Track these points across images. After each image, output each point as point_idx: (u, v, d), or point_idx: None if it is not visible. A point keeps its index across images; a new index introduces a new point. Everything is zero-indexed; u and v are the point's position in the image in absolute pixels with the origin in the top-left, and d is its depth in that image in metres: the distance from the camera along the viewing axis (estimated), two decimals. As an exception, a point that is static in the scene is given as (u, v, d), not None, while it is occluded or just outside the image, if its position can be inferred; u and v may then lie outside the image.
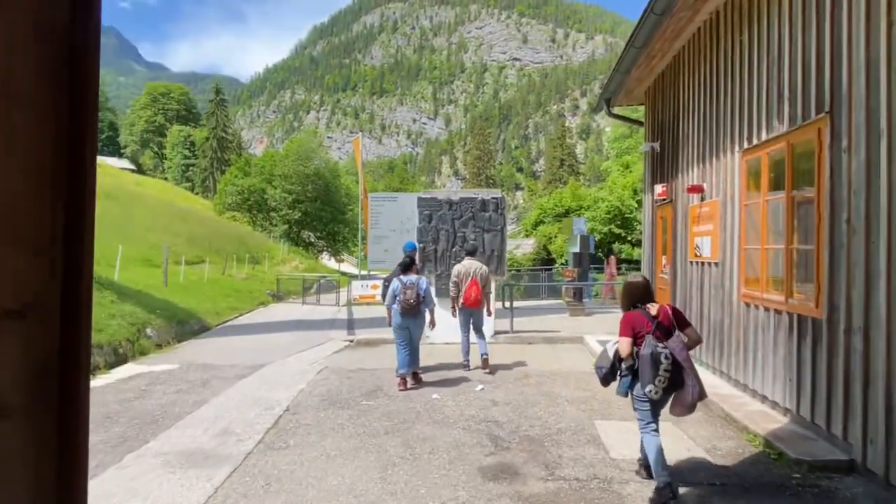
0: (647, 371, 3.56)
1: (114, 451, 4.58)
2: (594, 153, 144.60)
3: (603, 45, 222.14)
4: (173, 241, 25.12)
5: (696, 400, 3.63)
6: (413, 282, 6.74)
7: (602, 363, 3.90)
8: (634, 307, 3.80)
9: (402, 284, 6.70)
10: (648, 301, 3.81)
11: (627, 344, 3.69)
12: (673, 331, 3.67)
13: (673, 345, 3.59)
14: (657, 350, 3.56)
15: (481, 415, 5.58)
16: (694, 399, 3.61)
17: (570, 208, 38.24)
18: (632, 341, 3.68)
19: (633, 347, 3.68)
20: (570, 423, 5.34)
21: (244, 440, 4.85)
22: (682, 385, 3.61)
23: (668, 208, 8.66)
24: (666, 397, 3.68)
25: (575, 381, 6.96)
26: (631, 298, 3.85)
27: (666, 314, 3.72)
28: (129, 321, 9.35)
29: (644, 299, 3.81)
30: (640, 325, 3.69)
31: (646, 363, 3.56)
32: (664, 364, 3.53)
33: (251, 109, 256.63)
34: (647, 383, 3.58)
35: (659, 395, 3.59)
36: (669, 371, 3.54)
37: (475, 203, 10.10)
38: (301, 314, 15.88)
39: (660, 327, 3.66)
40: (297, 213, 45.41)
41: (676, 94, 8.29)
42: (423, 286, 6.79)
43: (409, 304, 6.59)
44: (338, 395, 6.39)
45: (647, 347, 3.58)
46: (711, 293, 6.85)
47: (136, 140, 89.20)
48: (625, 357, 3.73)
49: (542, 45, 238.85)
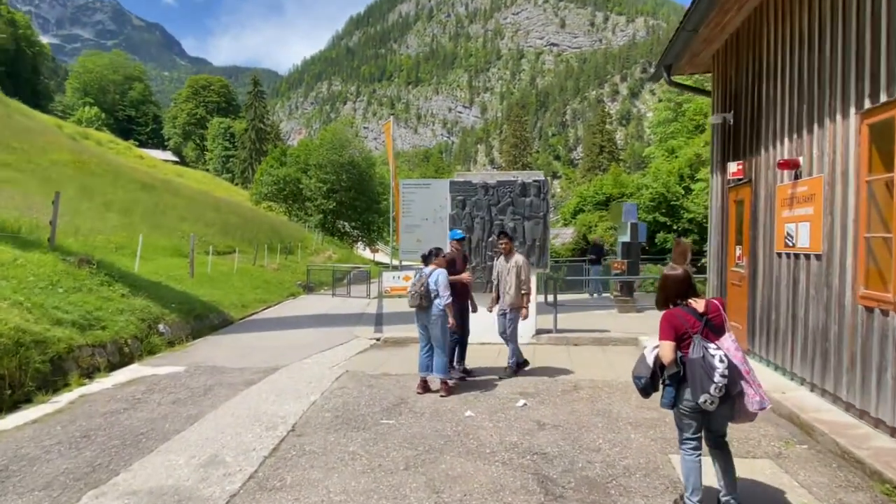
0: (698, 378, 3.04)
1: (73, 486, 3.73)
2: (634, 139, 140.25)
3: (644, 28, 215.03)
4: (206, 232, 24.87)
5: (760, 410, 3.12)
6: (425, 274, 6.01)
7: (641, 372, 3.34)
8: (675, 304, 3.26)
9: (418, 277, 6.08)
10: (691, 295, 3.26)
11: (670, 349, 3.15)
12: (725, 328, 3.19)
13: (727, 345, 3.12)
14: (709, 353, 3.05)
15: (525, 443, 4.52)
16: (755, 410, 3.11)
17: (612, 196, 36.55)
18: (675, 345, 3.15)
19: (677, 352, 3.14)
20: (639, 457, 4.22)
21: (232, 474, 3.93)
22: (740, 392, 3.10)
23: (745, 189, 7.35)
24: (721, 409, 3.10)
25: (636, 396, 5.76)
26: (670, 294, 3.29)
27: (716, 309, 3.21)
28: (139, 316, 8.65)
29: (686, 294, 3.26)
30: (685, 324, 3.15)
31: (696, 369, 3.04)
32: (719, 369, 3.00)
33: (289, 101, 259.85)
34: (699, 393, 3.04)
35: (715, 406, 3.05)
36: (726, 377, 3.00)
37: (514, 187, 8.97)
38: (329, 307, 15.11)
39: (709, 325, 3.15)
40: (332, 203, 45.02)
41: (758, 52, 6.94)
42: (434, 279, 5.93)
43: (413, 297, 5.96)
44: (354, 411, 5.43)
45: (697, 350, 3.07)
46: (810, 293, 5.57)
47: (179, 132, 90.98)
48: (668, 364, 3.17)
49: (581, 29, 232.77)
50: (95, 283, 8.79)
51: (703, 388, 3.03)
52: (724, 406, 3.10)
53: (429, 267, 6.07)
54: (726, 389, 3.03)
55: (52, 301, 7.16)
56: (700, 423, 3.24)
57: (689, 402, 3.16)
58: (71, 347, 6.60)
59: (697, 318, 3.17)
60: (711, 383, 2.99)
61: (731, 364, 3.05)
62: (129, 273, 10.90)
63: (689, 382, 3.11)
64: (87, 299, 7.98)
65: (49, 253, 8.87)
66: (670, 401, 3.26)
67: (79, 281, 8.47)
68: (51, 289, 7.63)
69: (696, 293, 3.29)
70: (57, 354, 6.30)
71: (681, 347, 3.17)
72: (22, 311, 6.39)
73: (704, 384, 3.00)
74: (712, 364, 3.01)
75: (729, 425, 3.34)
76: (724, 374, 2.99)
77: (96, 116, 78.01)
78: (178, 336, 9.35)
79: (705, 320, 3.16)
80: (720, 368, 2.99)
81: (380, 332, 9.96)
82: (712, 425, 3.29)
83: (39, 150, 26.08)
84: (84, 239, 13.68)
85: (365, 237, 49.52)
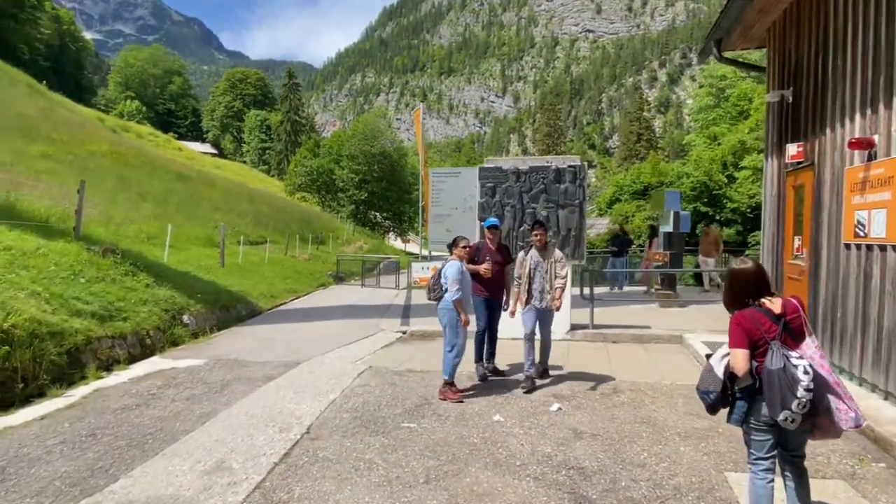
0: (778, 392, 2.55)
1: (67, 493, 3.47)
2: (673, 127, 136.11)
3: (684, 12, 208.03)
4: (239, 222, 25.03)
5: (855, 427, 2.64)
6: (443, 265, 5.58)
7: (709, 385, 2.78)
8: (747, 304, 2.76)
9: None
10: (765, 294, 2.76)
11: (744, 358, 2.66)
12: (806, 332, 2.68)
13: (810, 352, 2.64)
14: (791, 363, 2.57)
15: (560, 455, 4.06)
16: (849, 427, 2.63)
17: (650, 185, 35.33)
18: (749, 353, 2.66)
19: (751, 362, 2.66)
20: (690, 475, 3.72)
21: (237, 483, 3.61)
22: (827, 407, 2.61)
23: (806, 174, 6.65)
24: (803, 426, 2.62)
25: (683, 402, 5.27)
26: (740, 293, 2.80)
27: (795, 310, 2.70)
28: (162, 307, 8.50)
29: (759, 292, 2.77)
30: (760, 328, 2.66)
31: (776, 382, 2.56)
32: (804, 382, 2.51)
33: (324, 94, 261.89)
34: (779, 408, 2.55)
35: (797, 423, 2.56)
36: (811, 391, 2.52)
37: (548, 173, 8.42)
38: (357, 298, 14.85)
39: (788, 329, 2.67)
40: (364, 194, 45.02)
41: (822, 21, 6.22)
42: (446, 271, 5.47)
43: (427, 290, 5.63)
44: (374, 412, 5.07)
45: (776, 360, 2.58)
46: (885, 288, 4.90)
47: (217, 125, 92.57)
48: (741, 375, 2.68)
49: (618, 14, 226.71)
50: (119, 273, 8.68)
51: (783, 405, 2.54)
52: (805, 422, 2.60)
53: (450, 258, 5.64)
54: (811, 405, 2.53)
55: (71, 291, 7.03)
56: (775, 440, 2.75)
57: (765, 417, 2.68)
58: (89, 339, 6.43)
59: (774, 321, 2.68)
60: (794, 399, 2.51)
61: (816, 375, 2.56)
62: (156, 263, 10.81)
63: (767, 397, 2.63)
64: (109, 289, 7.85)
65: (73, 242, 8.79)
66: (741, 416, 2.77)
67: (102, 271, 8.36)
68: (72, 278, 7.51)
69: (770, 291, 2.78)
70: (74, 346, 6.14)
71: (755, 356, 2.68)
72: (39, 301, 6.25)
73: (786, 400, 2.52)
74: (795, 376, 2.52)
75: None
76: (808, 388, 2.51)
77: (137, 110, 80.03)
78: (203, 327, 9.19)
79: (783, 323, 2.66)
80: (804, 381, 2.50)
81: (406, 325, 9.59)
82: (789, 444, 2.80)
83: (78, 141, 26.63)
84: (116, 228, 13.74)
85: (396, 227, 49.44)
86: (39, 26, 62.46)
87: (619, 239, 15.29)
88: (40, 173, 18.08)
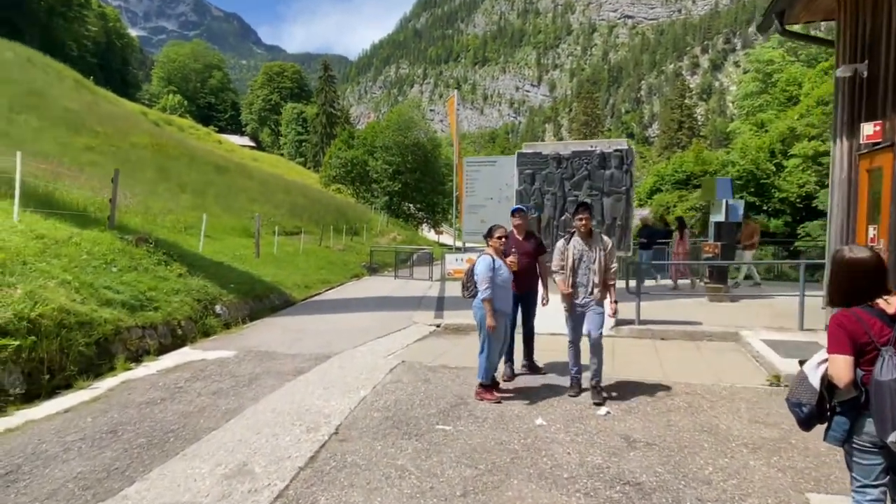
0: (889, 408, 2.13)
1: (80, 496, 3.24)
2: (716, 115, 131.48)
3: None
4: (275, 213, 25.20)
5: None
6: (478, 258, 5.11)
7: (802, 396, 2.35)
8: (855, 303, 2.29)
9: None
10: (882, 292, 2.27)
11: (846, 366, 2.23)
12: None
13: None
14: None
15: (612, 467, 3.64)
16: None
17: (693, 174, 34.02)
18: (853, 361, 2.23)
19: (855, 371, 2.23)
20: (765, 496, 3.25)
21: (258, 490, 3.33)
22: None
23: (884, 156, 5.97)
24: None
25: (746, 408, 4.75)
26: (852, 288, 2.32)
27: None
28: (194, 297, 8.40)
29: (875, 290, 2.28)
30: (869, 332, 2.22)
31: (886, 396, 2.14)
32: None
33: (359, 86, 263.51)
34: (891, 427, 2.12)
35: None
36: None
37: (592, 158, 7.91)
38: (390, 289, 14.61)
39: None
40: (398, 185, 44.91)
41: (910, -19, 5.53)
42: (476, 268, 4.99)
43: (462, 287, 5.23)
44: (407, 411, 4.74)
45: (887, 370, 2.16)
46: None
47: (255, 118, 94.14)
48: (843, 386, 2.23)
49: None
50: (152, 263, 8.61)
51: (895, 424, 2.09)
52: None
53: (485, 249, 5.18)
54: None
55: (102, 280, 6.94)
56: (886, 465, 2.29)
57: (872, 437, 2.23)
58: (118, 329, 6.32)
59: (887, 324, 2.21)
60: None
61: None
62: (191, 252, 10.78)
63: (875, 413, 2.20)
64: (141, 279, 7.76)
65: (106, 231, 8.76)
66: (842, 435, 2.33)
67: (135, 260, 8.29)
68: (104, 268, 7.44)
69: (887, 289, 2.29)
70: (103, 336, 6.02)
71: (861, 364, 2.24)
72: (69, 290, 6.15)
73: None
74: None
75: None
76: None
77: (179, 104, 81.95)
78: (236, 317, 9.07)
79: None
80: None
81: (440, 318, 9.26)
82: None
83: (122, 134, 27.22)
84: (153, 218, 13.85)
85: (430, 219, 49.23)
86: (87, 24, 64.42)
87: (648, 230, 14.55)
88: (83, 165, 18.44)
